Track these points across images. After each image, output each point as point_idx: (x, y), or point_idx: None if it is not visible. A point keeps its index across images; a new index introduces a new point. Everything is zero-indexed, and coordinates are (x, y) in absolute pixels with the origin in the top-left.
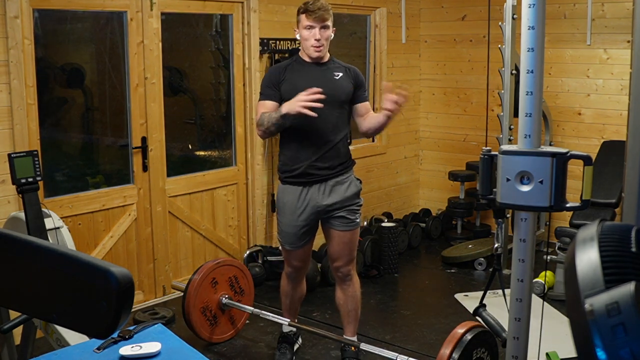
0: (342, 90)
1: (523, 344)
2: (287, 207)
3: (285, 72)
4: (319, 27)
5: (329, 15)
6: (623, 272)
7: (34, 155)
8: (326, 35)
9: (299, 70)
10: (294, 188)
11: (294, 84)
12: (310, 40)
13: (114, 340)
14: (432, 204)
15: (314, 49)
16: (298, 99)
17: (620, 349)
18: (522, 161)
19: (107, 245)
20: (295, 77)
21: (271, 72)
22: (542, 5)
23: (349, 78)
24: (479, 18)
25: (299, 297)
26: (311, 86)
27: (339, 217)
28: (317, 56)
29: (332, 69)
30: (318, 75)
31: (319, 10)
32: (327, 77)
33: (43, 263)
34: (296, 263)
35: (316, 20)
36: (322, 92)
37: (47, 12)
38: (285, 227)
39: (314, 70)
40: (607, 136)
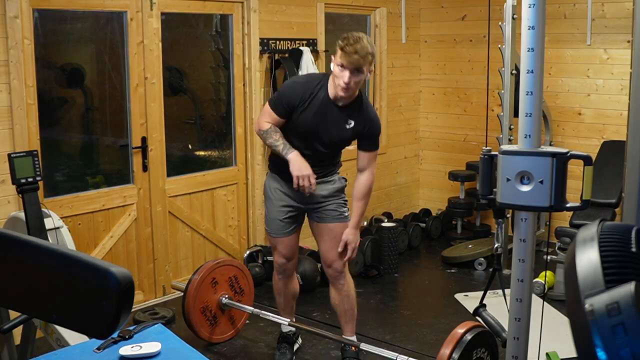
0: (344, 138)
1: (523, 344)
2: (273, 194)
3: (306, 101)
4: (351, 71)
5: (366, 62)
6: (623, 272)
7: (34, 155)
8: (358, 80)
9: (319, 106)
10: (278, 177)
11: (305, 118)
12: (339, 80)
13: (114, 340)
14: (432, 204)
15: (341, 89)
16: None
17: (621, 349)
18: (522, 161)
19: (107, 245)
20: (310, 112)
21: (295, 91)
22: (542, 5)
23: (359, 127)
24: (479, 18)
25: (292, 295)
26: (319, 128)
27: (328, 210)
28: (342, 97)
29: (348, 115)
30: (331, 119)
31: (355, 54)
32: (339, 124)
33: (43, 263)
34: (284, 252)
35: (350, 64)
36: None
37: (47, 12)
38: (271, 213)
39: (329, 113)
40: (607, 136)
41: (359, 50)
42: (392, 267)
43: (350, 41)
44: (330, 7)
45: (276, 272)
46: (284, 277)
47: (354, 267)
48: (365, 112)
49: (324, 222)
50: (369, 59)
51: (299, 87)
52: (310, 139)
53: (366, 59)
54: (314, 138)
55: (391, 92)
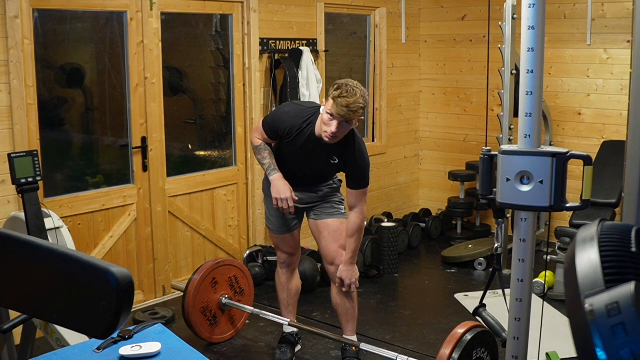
0: (329, 170)
1: (523, 344)
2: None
3: (292, 135)
4: (339, 122)
5: (356, 116)
6: (623, 272)
7: (34, 155)
8: (344, 130)
9: (304, 141)
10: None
11: (290, 150)
12: (326, 128)
13: (114, 340)
14: (432, 204)
15: (326, 136)
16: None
17: (620, 349)
18: (522, 161)
19: (107, 245)
20: (296, 145)
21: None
22: (542, 5)
23: (342, 166)
24: (479, 18)
25: (295, 291)
26: (304, 160)
27: (324, 207)
28: (325, 142)
29: (333, 152)
30: (317, 154)
31: (346, 108)
32: (323, 159)
33: (43, 263)
34: (286, 249)
35: (339, 116)
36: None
37: (47, 12)
38: (271, 211)
39: (315, 149)
40: (607, 136)
41: (351, 105)
42: (392, 267)
43: (343, 93)
44: (330, 7)
45: (279, 266)
46: (287, 272)
47: None
48: (351, 151)
49: (321, 219)
50: (359, 114)
51: (288, 119)
52: (296, 164)
53: (357, 114)
54: (300, 164)
55: (391, 92)
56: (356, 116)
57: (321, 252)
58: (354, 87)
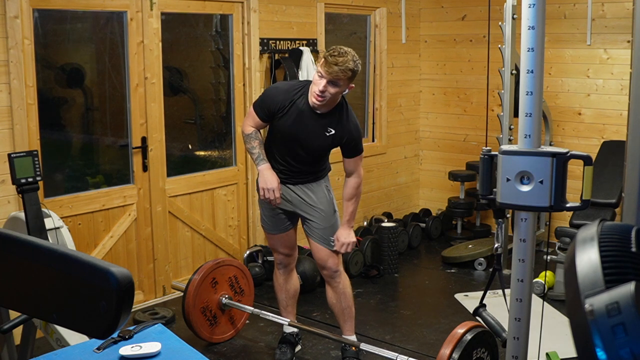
0: (324, 146)
1: (523, 344)
2: None
3: (285, 108)
4: (328, 81)
5: (345, 76)
6: (623, 272)
7: (34, 155)
8: (333, 91)
9: (298, 113)
10: None
11: (283, 124)
12: (315, 88)
13: (114, 340)
14: (432, 204)
15: (314, 96)
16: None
17: (620, 349)
18: (522, 161)
19: (107, 245)
20: (289, 119)
21: (276, 97)
22: (542, 5)
23: (338, 138)
24: (479, 18)
25: (294, 291)
26: (298, 135)
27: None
28: (316, 105)
29: (328, 124)
30: (311, 127)
31: (335, 65)
32: (318, 132)
33: (43, 263)
34: (282, 249)
35: (327, 74)
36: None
37: (47, 12)
38: (265, 212)
39: (309, 120)
40: (607, 136)
41: (340, 64)
42: (392, 267)
43: (334, 53)
44: (330, 7)
45: (277, 267)
46: (284, 272)
47: (354, 267)
48: (346, 122)
49: (312, 239)
50: (348, 74)
51: (280, 93)
52: (290, 145)
53: (345, 74)
54: (294, 144)
55: (391, 92)
56: (344, 77)
57: (313, 255)
58: (346, 50)
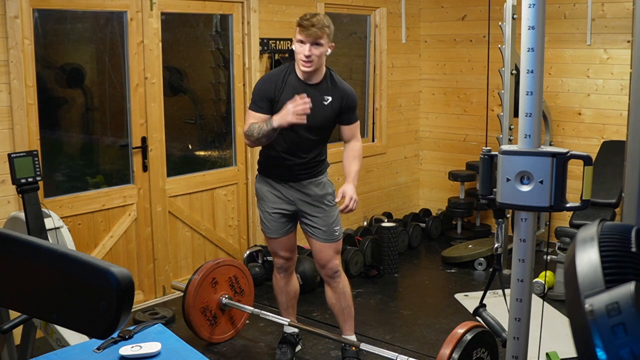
0: (327, 117)
1: (523, 344)
2: (266, 196)
3: (280, 89)
4: (311, 43)
5: (323, 33)
6: (623, 272)
7: (34, 155)
8: (318, 52)
9: (293, 88)
10: (268, 180)
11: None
12: (300, 55)
13: (114, 340)
14: (432, 204)
15: (302, 63)
16: (288, 110)
17: (620, 349)
18: (522, 161)
19: (107, 245)
20: (287, 97)
21: (267, 84)
22: (542, 5)
23: (337, 103)
24: (479, 18)
25: (294, 293)
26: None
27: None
28: (306, 71)
29: (323, 92)
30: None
31: (312, 27)
32: (317, 102)
33: (43, 263)
34: (283, 253)
35: (308, 37)
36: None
37: (47, 12)
38: (266, 215)
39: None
40: (607, 136)
41: (316, 23)
42: (392, 267)
43: (306, 16)
44: (330, 7)
45: (277, 271)
46: (284, 276)
47: (354, 267)
48: (340, 86)
49: (314, 239)
50: (326, 31)
51: (270, 78)
52: (295, 127)
53: (323, 31)
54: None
55: (391, 92)
56: (324, 34)
57: (314, 255)
58: (316, 13)
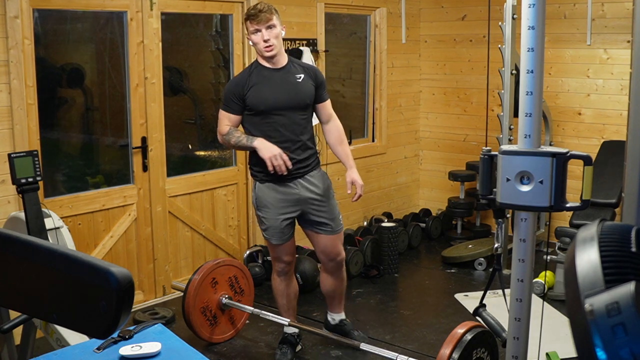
0: (305, 93)
1: (523, 344)
2: (270, 203)
3: (248, 82)
4: (265, 28)
5: (272, 14)
6: (623, 272)
7: (34, 155)
8: (274, 34)
9: (262, 78)
10: (272, 185)
11: (260, 94)
12: (260, 43)
13: (114, 340)
14: (432, 204)
15: (265, 49)
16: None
17: (620, 349)
18: (522, 161)
19: (107, 245)
20: (260, 87)
21: (235, 83)
22: (542, 5)
23: (309, 79)
24: (479, 18)
25: (294, 294)
26: (277, 94)
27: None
28: (270, 55)
29: (292, 72)
30: (281, 81)
31: (260, 12)
32: (290, 81)
33: (43, 263)
34: (286, 258)
35: (260, 23)
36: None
37: (47, 12)
38: (270, 222)
39: (275, 77)
40: (607, 136)
41: (262, 9)
42: (392, 267)
43: (250, 9)
44: (330, 7)
45: (277, 275)
46: (285, 279)
47: (354, 267)
48: (304, 65)
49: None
50: (274, 13)
51: (237, 78)
52: (278, 109)
53: (272, 13)
54: (280, 104)
55: (391, 92)
56: (273, 16)
57: (321, 251)
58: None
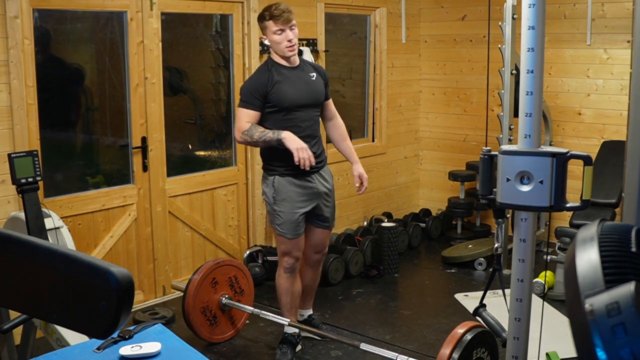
0: (320, 91)
1: (523, 344)
2: (289, 197)
3: (270, 80)
4: (288, 28)
5: (292, 15)
6: (623, 272)
7: (34, 155)
8: (296, 33)
9: (282, 76)
10: (292, 179)
11: (283, 91)
12: (283, 43)
13: (114, 340)
14: (432, 204)
15: (288, 49)
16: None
17: (620, 349)
18: (522, 161)
19: (107, 245)
20: (282, 85)
21: (257, 81)
22: (542, 5)
23: (320, 77)
24: (479, 18)
25: (298, 293)
26: (298, 91)
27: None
28: (292, 54)
29: (306, 71)
30: (300, 80)
31: (284, 13)
32: (307, 80)
33: (43, 263)
34: (297, 253)
35: (284, 23)
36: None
37: (47, 12)
38: (287, 216)
39: (294, 75)
40: (607, 136)
41: (285, 9)
42: (392, 267)
43: (274, 7)
44: (330, 7)
45: (284, 271)
46: (291, 276)
47: (354, 267)
48: (313, 64)
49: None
50: (293, 13)
51: (257, 76)
52: (299, 107)
53: (292, 13)
54: (301, 101)
55: (391, 92)
56: (293, 15)
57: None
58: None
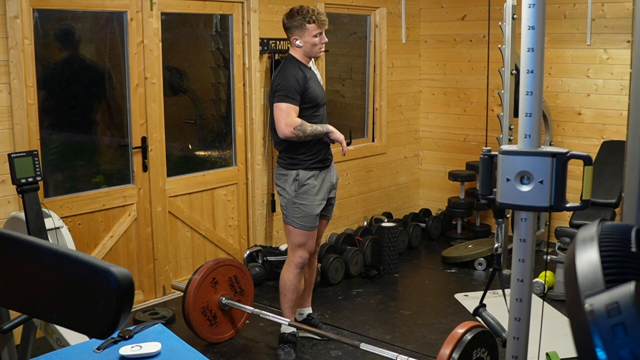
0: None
1: (523, 344)
2: (316, 189)
3: (305, 78)
4: (324, 31)
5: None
6: (623, 272)
7: (34, 155)
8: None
9: (309, 75)
10: (317, 172)
11: (314, 90)
12: (318, 45)
13: (114, 340)
14: (432, 204)
15: (321, 51)
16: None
17: (620, 349)
18: (522, 161)
19: (107, 245)
20: (311, 83)
21: (295, 77)
22: (542, 5)
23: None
24: (479, 18)
25: (302, 289)
26: (321, 91)
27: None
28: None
29: (315, 71)
30: (316, 79)
31: (323, 17)
32: (319, 79)
33: (43, 263)
34: (311, 245)
35: (323, 27)
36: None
37: (47, 12)
38: (310, 208)
39: (312, 75)
40: (607, 136)
41: (322, 14)
42: (392, 267)
43: (315, 13)
44: (330, 7)
45: (296, 267)
46: (302, 272)
47: (354, 267)
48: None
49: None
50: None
51: (294, 72)
52: (322, 105)
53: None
54: (323, 99)
55: (391, 92)
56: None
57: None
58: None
